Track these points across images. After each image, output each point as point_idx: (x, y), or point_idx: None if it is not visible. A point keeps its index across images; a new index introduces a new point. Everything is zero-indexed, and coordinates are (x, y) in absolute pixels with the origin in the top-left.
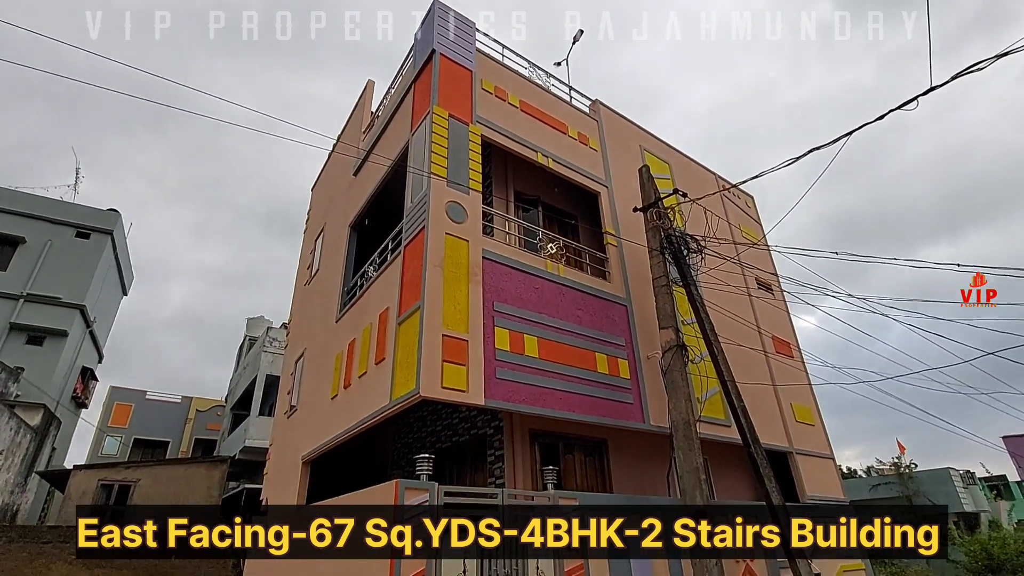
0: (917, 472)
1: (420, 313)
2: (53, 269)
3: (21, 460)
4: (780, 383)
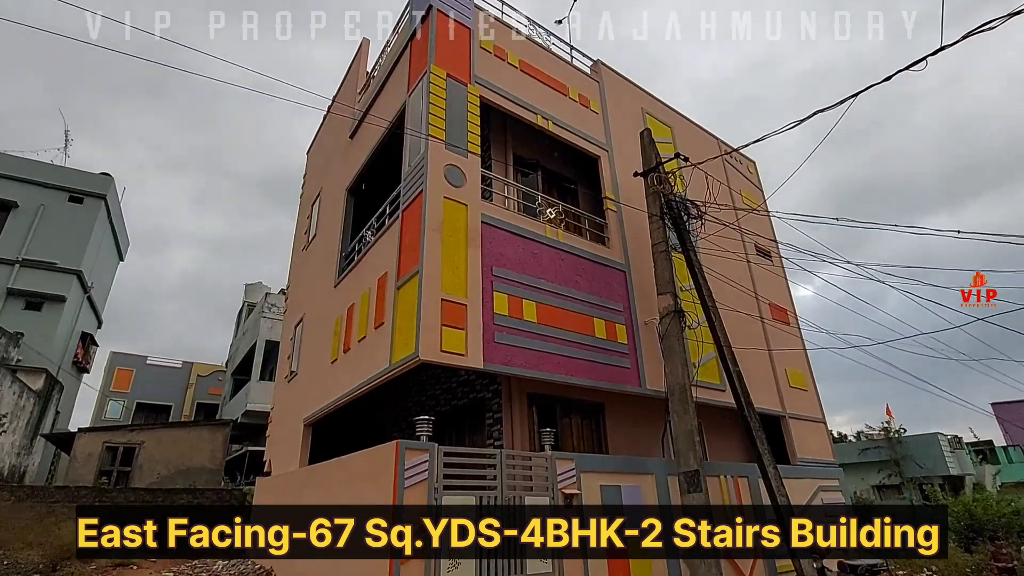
0: (906, 437)
1: (419, 277)
2: (48, 234)
3: (26, 423)
4: (775, 349)
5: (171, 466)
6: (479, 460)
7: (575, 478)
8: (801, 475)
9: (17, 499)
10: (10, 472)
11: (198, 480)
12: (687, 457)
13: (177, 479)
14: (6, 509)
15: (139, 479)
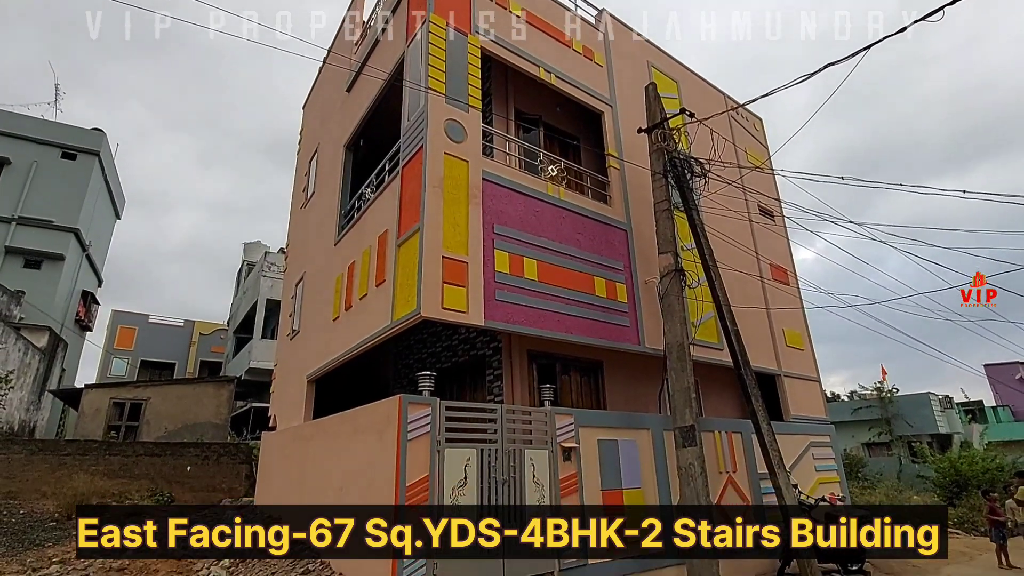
0: (898, 396)
1: (420, 235)
2: (42, 191)
3: (33, 380)
4: (774, 308)
5: (177, 421)
6: (480, 414)
7: (574, 432)
8: (794, 431)
9: (29, 452)
10: (20, 427)
11: (204, 435)
12: (683, 413)
13: (184, 434)
14: (19, 462)
15: (147, 434)
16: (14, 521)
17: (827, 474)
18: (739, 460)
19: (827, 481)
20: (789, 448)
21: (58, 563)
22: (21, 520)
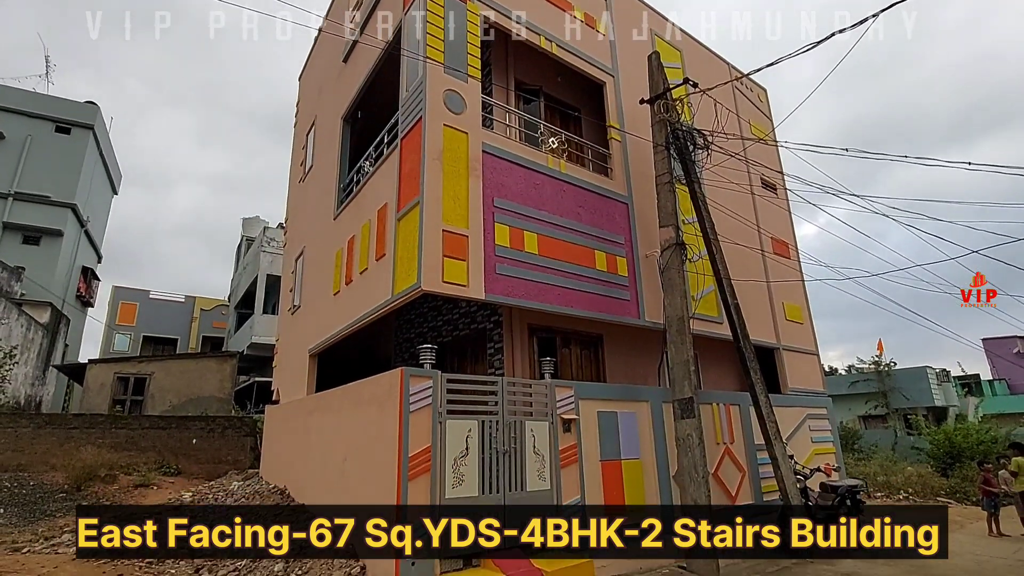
0: (895, 370)
1: (419, 208)
2: (38, 167)
3: (37, 355)
4: (774, 281)
5: (181, 395)
6: (481, 387)
7: (574, 404)
8: (791, 403)
9: (36, 426)
10: (27, 402)
11: (209, 409)
12: (682, 386)
13: (188, 407)
14: (27, 436)
15: (151, 408)
16: (24, 493)
17: (823, 445)
18: (736, 431)
19: (823, 452)
20: (786, 420)
21: (69, 532)
22: (31, 492)
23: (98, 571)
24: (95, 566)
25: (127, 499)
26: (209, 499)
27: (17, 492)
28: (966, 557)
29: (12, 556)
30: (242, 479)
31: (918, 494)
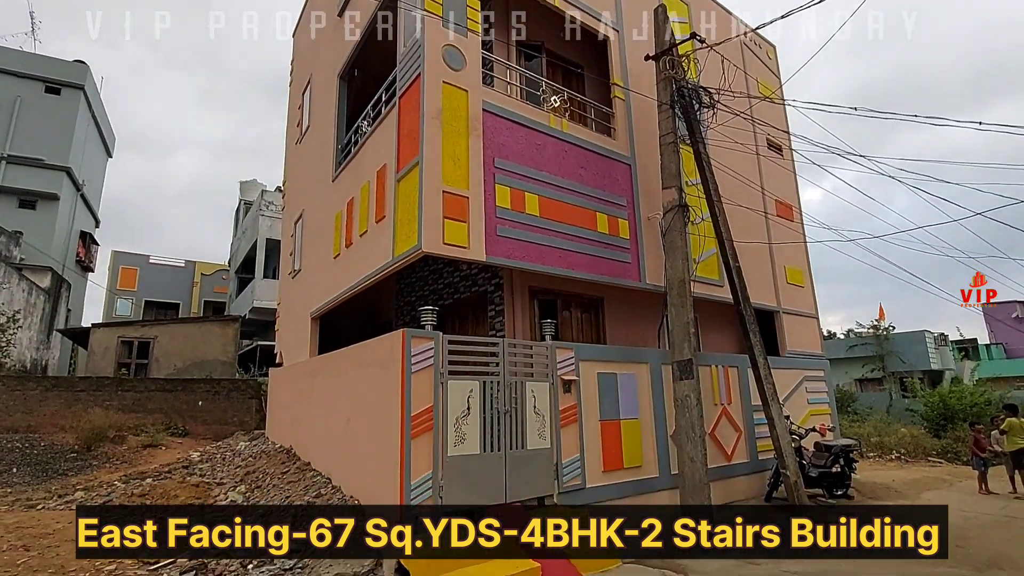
0: (894, 334)
1: (419, 169)
2: (30, 129)
3: (40, 320)
4: (776, 245)
5: (186, 359)
6: (482, 348)
7: (574, 366)
8: (789, 366)
9: (44, 389)
10: (32, 365)
11: (213, 372)
12: (682, 347)
13: (193, 371)
14: (35, 398)
15: (157, 371)
16: (36, 453)
17: (819, 407)
18: (734, 393)
19: (818, 413)
20: (784, 382)
21: (82, 490)
22: (43, 452)
23: None
24: None
25: (136, 459)
26: (217, 458)
27: (29, 452)
28: (954, 514)
29: (28, 512)
30: (249, 439)
31: (910, 454)
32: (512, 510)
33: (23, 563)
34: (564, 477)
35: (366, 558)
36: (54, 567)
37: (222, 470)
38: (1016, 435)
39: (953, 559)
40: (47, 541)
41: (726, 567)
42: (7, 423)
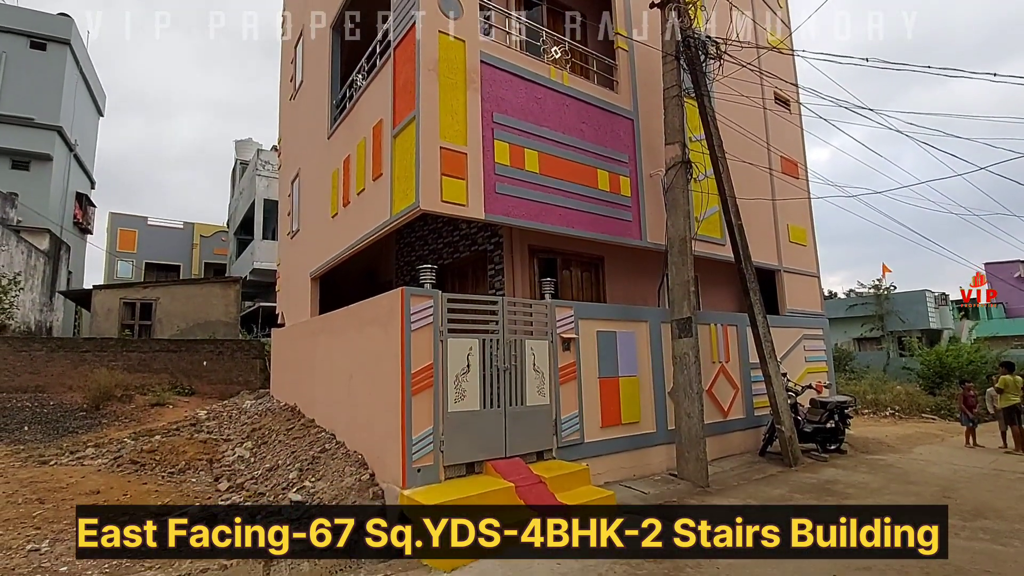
0: (894, 294)
1: (416, 124)
2: (17, 87)
3: (41, 282)
4: (780, 203)
5: (189, 320)
6: (482, 306)
7: (573, 324)
8: (788, 324)
9: (49, 350)
10: (37, 327)
11: (216, 333)
12: (681, 306)
13: (196, 332)
14: (41, 359)
15: (160, 332)
16: (45, 412)
17: (816, 364)
18: (732, 351)
19: (815, 371)
20: (782, 340)
21: (93, 446)
22: (52, 410)
23: (123, 480)
24: (121, 476)
25: (145, 417)
26: (223, 416)
27: (39, 411)
28: (943, 466)
29: (41, 468)
30: (254, 398)
31: (904, 411)
32: (512, 462)
33: (39, 515)
34: (563, 432)
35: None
36: (68, 518)
37: (229, 427)
38: (1010, 392)
39: None
40: (61, 495)
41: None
42: (16, 383)
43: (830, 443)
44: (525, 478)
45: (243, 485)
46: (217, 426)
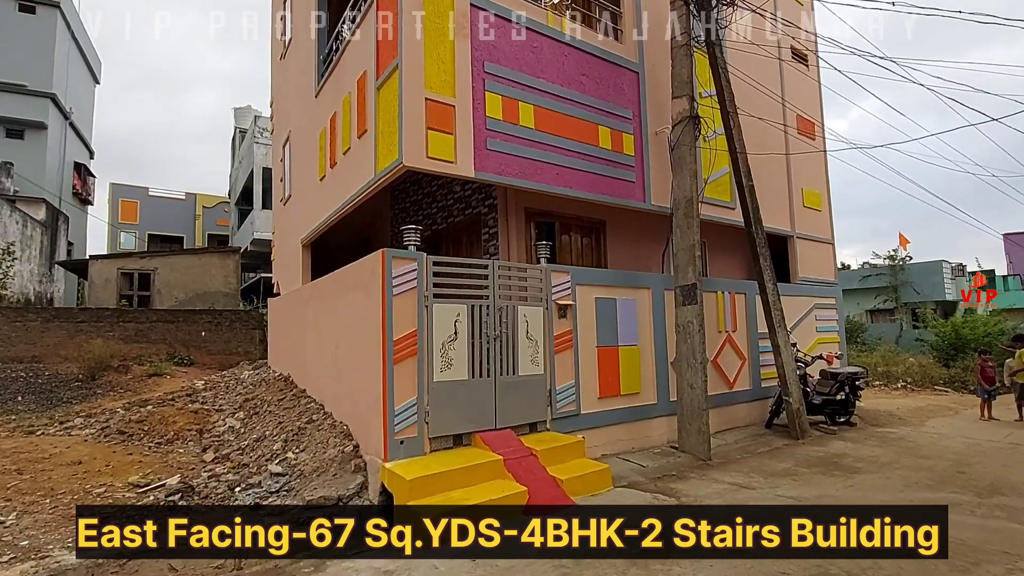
0: (910, 264)
1: (399, 72)
2: (8, 53)
3: (39, 252)
4: (794, 166)
5: (188, 291)
6: (471, 270)
7: (570, 290)
8: (799, 293)
9: (44, 320)
10: (37, 298)
11: (216, 304)
12: (686, 272)
13: (196, 303)
14: (36, 329)
15: (159, 303)
16: (40, 382)
17: (828, 335)
18: (740, 320)
19: (827, 341)
20: (793, 308)
21: (82, 417)
22: (47, 381)
23: (108, 450)
24: (106, 446)
25: (141, 388)
26: (220, 386)
27: (33, 381)
28: (957, 440)
29: (27, 438)
30: (252, 369)
31: (916, 383)
32: (502, 434)
33: (13, 486)
34: (557, 403)
35: (353, 480)
36: (44, 489)
37: (223, 397)
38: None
39: (954, 484)
40: (41, 465)
41: (720, 491)
42: (11, 353)
43: (840, 415)
44: (515, 450)
45: (229, 456)
46: (212, 396)
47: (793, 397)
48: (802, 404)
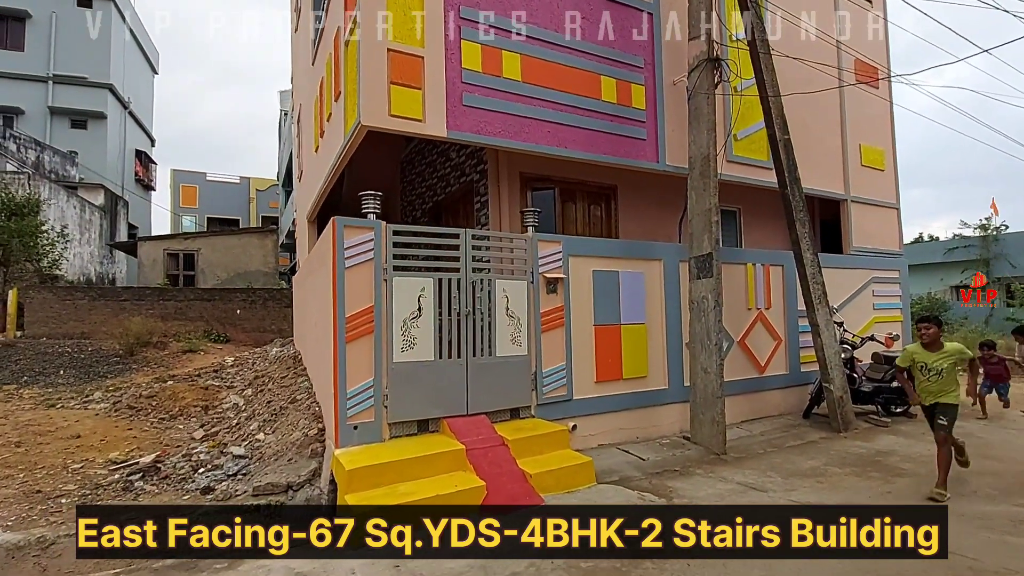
0: (1005, 234)
1: (357, 23)
2: (68, 47)
3: (99, 235)
4: (851, 119)
5: (230, 270)
6: (439, 240)
7: (561, 262)
8: (852, 265)
9: (91, 299)
10: (98, 278)
11: (255, 283)
12: (701, 240)
13: (236, 281)
14: (84, 308)
15: (203, 282)
16: (83, 357)
17: (887, 312)
18: (775, 295)
19: (885, 320)
20: (845, 282)
21: (101, 391)
22: (89, 356)
23: (111, 425)
24: (112, 421)
25: (174, 363)
26: (248, 363)
27: (77, 356)
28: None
29: (44, 412)
30: (281, 346)
31: None
32: (474, 421)
33: (2, 460)
34: (544, 388)
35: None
36: (27, 463)
37: (242, 375)
38: None
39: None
40: (44, 439)
41: (722, 492)
42: (63, 330)
43: (895, 405)
44: (484, 439)
45: (217, 434)
46: (235, 373)
47: (835, 384)
48: (846, 392)
